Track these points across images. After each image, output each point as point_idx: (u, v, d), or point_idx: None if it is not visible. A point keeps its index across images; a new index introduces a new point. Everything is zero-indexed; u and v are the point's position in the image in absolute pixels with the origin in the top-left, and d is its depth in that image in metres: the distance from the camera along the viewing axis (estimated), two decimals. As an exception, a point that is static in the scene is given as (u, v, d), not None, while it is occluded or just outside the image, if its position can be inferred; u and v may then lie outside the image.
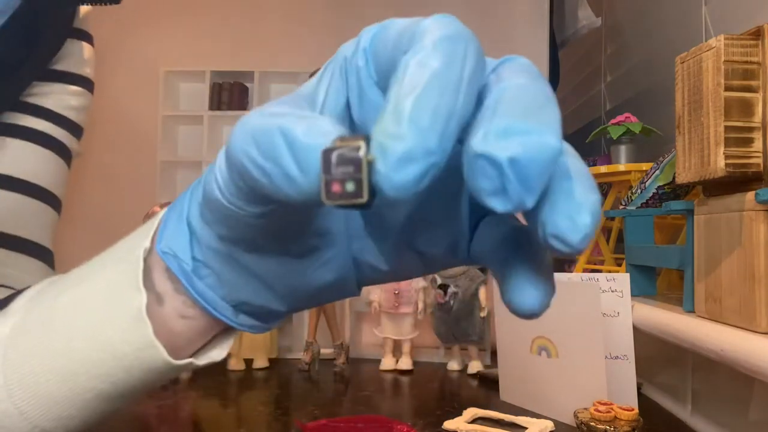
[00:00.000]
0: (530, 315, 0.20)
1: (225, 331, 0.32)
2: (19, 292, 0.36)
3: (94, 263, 0.32)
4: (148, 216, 1.04)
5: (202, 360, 0.31)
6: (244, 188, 0.21)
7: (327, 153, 0.17)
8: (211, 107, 1.35)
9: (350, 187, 0.17)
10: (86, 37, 0.55)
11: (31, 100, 0.50)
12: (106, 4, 0.51)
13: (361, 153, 0.16)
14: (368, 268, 0.27)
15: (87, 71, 0.55)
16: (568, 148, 0.19)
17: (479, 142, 0.16)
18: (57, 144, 0.51)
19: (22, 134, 0.49)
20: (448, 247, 0.26)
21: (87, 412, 0.31)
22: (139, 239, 0.30)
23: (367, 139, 0.16)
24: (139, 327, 0.28)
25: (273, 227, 0.24)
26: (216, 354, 0.32)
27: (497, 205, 0.16)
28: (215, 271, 0.27)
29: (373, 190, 0.16)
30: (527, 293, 0.20)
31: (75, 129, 0.54)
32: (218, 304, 0.28)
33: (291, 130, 0.18)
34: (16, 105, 0.49)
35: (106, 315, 0.29)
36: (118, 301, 0.29)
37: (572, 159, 0.19)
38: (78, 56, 0.54)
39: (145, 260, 0.29)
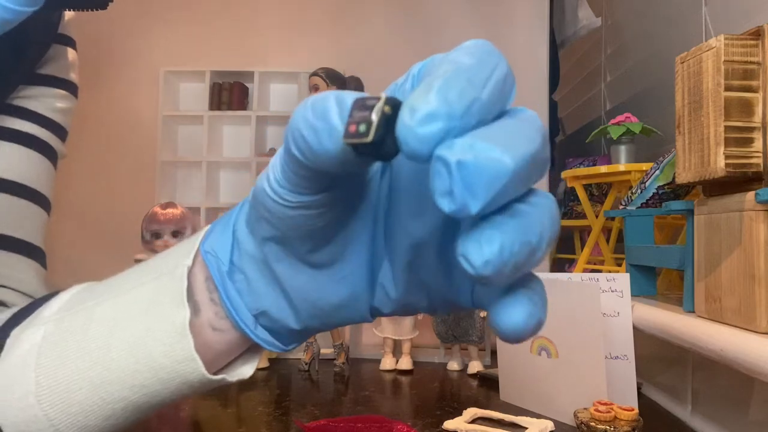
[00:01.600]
0: (514, 336, 0.21)
1: (251, 349, 0.34)
2: (44, 299, 0.36)
3: (130, 276, 0.33)
4: (147, 217, 1.04)
5: (233, 377, 0.33)
6: (293, 165, 0.24)
7: (354, 102, 0.21)
8: (211, 107, 1.35)
9: (362, 128, 0.20)
10: (70, 41, 0.56)
11: (18, 102, 0.51)
12: (92, 10, 0.52)
13: (377, 103, 0.20)
14: (381, 290, 0.29)
15: (72, 75, 0.56)
16: (543, 200, 0.20)
17: (443, 147, 0.18)
18: (44, 145, 0.52)
19: (9, 136, 0.50)
20: (450, 292, 0.27)
21: (112, 422, 0.32)
22: (181, 257, 0.31)
23: (387, 99, 0.20)
24: (181, 341, 0.30)
25: (307, 225, 0.26)
26: (245, 371, 0.33)
27: (444, 204, 0.18)
28: (247, 276, 0.29)
29: (394, 143, 0.19)
30: (511, 314, 0.21)
31: (60, 131, 0.55)
32: (242, 311, 0.30)
33: (343, 96, 0.22)
34: (3, 108, 0.49)
35: (148, 328, 0.30)
36: (160, 315, 0.30)
37: (533, 200, 0.20)
38: (63, 61, 0.54)
39: (189, 273, 0.30)
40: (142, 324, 0.30)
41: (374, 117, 0.19)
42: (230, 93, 1.36)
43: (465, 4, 1.23)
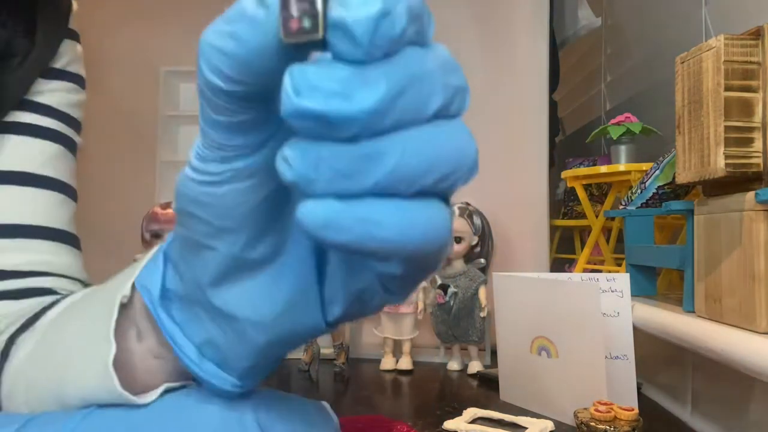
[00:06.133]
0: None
1: None
2: (51, 305, 0.37)
3: (96, 296, 0.33)
4: (147, 217, 1.04)
5: None
6: (213, 103, 0.21)
7: None
8: (211, 107, 1.35)
9: (307, 23, 0.17)
10: (76, 36, 0.57)
11: (35, 98, 0.51)
12: None
13: None
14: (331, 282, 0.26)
15: (80, 69, 0.56)
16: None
17: None
18: (65, 139, 0.53)
19: (33, 132, 0.50)
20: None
21: None
22: (124, 282, 0.30)
23: None
24: (105, 379, 0.28)
25: (240, 205, 0.24)
26: None
27: None
28: (183, 301, 0.28)
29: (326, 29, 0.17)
30: None
31: (76, 124, 0.56)
32: (183, 343, 0.28)
33: None
34: (22, 103, 0.50)
35: (86, 363, 0.29)
36: (95, 350, 0.29)
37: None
38: (72, 54, 0.55)
39: (131, 299, 0.30)
40: (85, 357, 0.29)
41: (319, 6, 0.17)
42: (230, 93, 1.36)
43: (464, 3, 1.22)
